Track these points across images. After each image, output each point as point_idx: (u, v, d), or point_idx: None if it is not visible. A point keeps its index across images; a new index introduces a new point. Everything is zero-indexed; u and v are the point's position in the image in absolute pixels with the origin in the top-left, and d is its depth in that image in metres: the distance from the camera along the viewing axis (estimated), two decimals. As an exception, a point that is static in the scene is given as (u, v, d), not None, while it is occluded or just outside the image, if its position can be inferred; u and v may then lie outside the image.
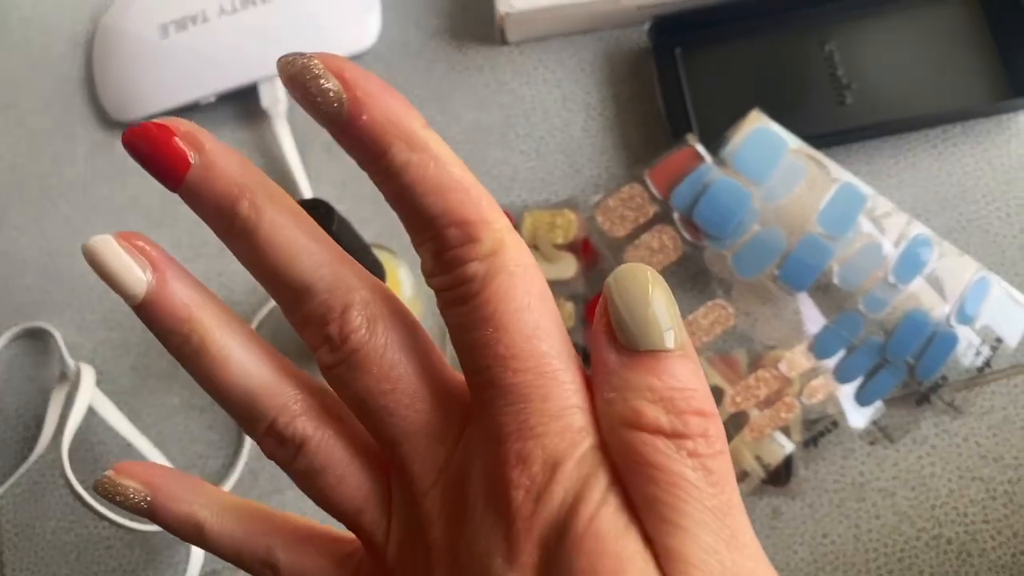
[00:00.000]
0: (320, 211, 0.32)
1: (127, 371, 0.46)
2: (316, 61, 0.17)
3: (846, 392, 0.41)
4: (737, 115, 0.43)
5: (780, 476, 0.40)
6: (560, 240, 0.44)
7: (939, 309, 0.41)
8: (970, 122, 0.44)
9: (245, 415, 0.20)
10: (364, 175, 0.52)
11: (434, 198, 0.18)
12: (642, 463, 0.17)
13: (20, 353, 0.47)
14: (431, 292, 0.19)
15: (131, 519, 0.43)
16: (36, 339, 0.48)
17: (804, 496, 0.41)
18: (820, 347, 0.41)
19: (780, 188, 0.41)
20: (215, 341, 0.20)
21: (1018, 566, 0.39)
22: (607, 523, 0.17)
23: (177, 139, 0.18)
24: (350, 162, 0.53)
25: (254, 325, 0.45)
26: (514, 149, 0.47)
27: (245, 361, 0.20)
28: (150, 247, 0.20)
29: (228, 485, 0.43)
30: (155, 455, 0.43)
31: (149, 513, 0.21)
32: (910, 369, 0.40)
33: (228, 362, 0.20)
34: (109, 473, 0.21)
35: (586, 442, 0.18)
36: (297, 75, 0.17)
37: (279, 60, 0.17)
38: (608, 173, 0.46)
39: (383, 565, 0.20)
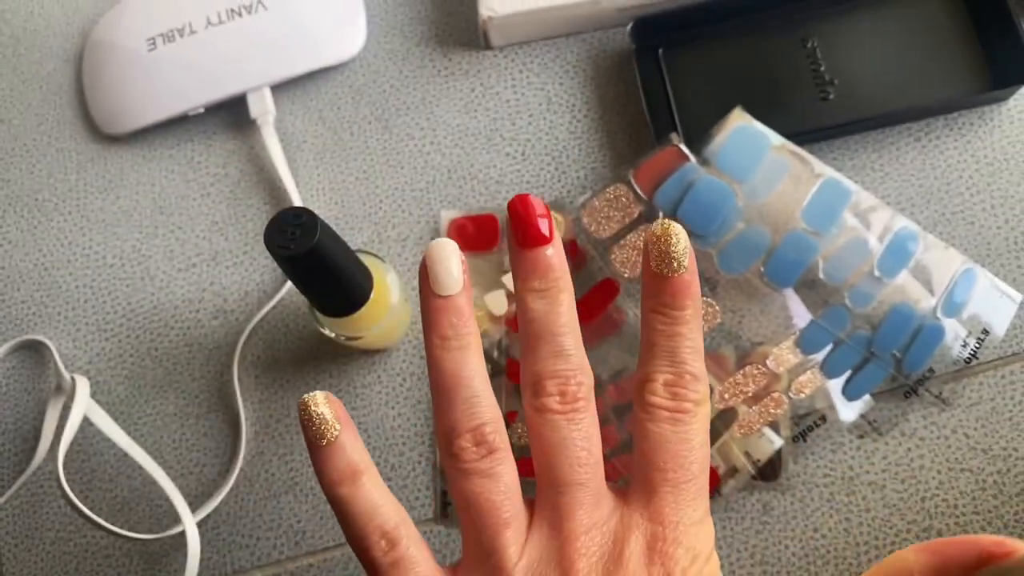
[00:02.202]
0: (304, 219, 0.32)
1: (122, 381, 0.47)
2: (681, 247, 0.25)
3: (834, 386, 0.41)
4: (721, 114, 0.43)
5: (770, 471, 0.40)
6: (547, 242, 0.44)
7: (925, 302, 0.41)
8: (953, 115, 0.44)
9: (465, 410, 0.25)
10: (352, 184, 0.52)
11: (692, 353, 0.26)
12: None
13: (16, 366, 0.48)
14: (417, 297, 0.23)
15: (127, 528, 0.44)
16: (32, 351, 0.48)
17: (794, 491, 0.41)
18: (807, 342, 0.41)
19: (764, 185, 0.42)
20: (477, 350, 0.26)
21: (1009, 556, 0.39)
22: None
23: (547, 219, 0.26)
24: (338, 171, 0.54)
25: (247, 331, 0.46)
26: (500, 152, 0.47)
27: (481, 369, 0.26)
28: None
29: (224, 491, 0.44)
30: (151, 464, 0.43)
31: (329, 447, 0.25)
32: (897, 362, 0.41)
33: (472, 364, 0.26)
34: (319, 395, 0.26)
35: (711, 547, 0.25)
36: (660, 244, 0.25)
37: (662, 223, 0.26)
38: (594, 174, 0.46)
39: None
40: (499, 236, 0.45)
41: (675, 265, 0.25)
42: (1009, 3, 0.43)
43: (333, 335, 0.40)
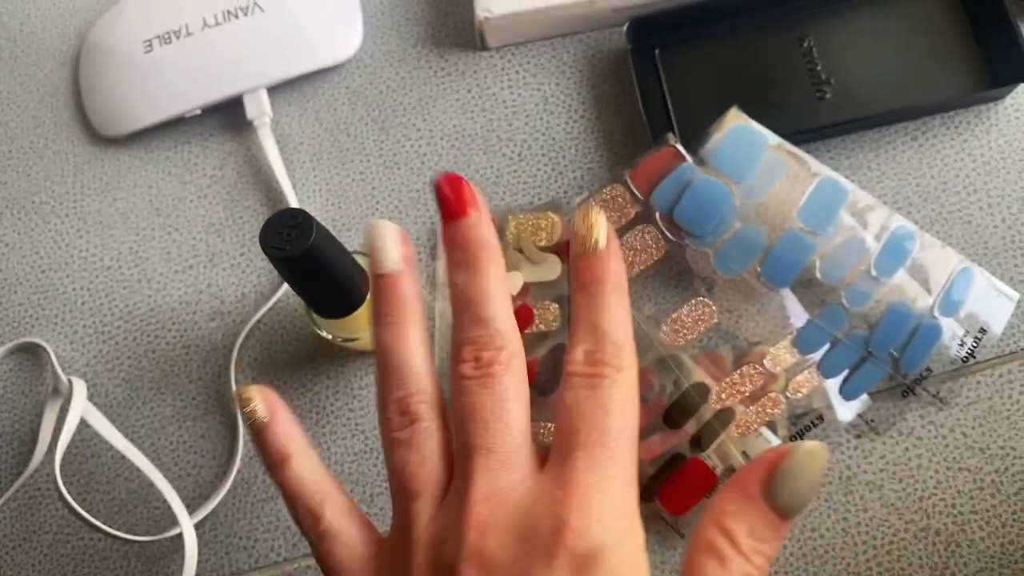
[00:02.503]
0: (299, 220, 0.32)
1: (120, 383, 0.47)
2: (599, 228, 0.26)
3: (831, 386, 0.41)
4: (718, 113, 0.43)
5: (767, 471, 0.40)
6: (544, 242, 0.44)
7: (922, 301, 0.41)
8: (950, 114, 0.44)
9: (393, 381, 0.26)
10: (349, 185, 0.52)
11: (612, 322, 0.25)
12: (711, 559, 0.23)
13: (14, 368, 0.48)
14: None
15: (124, 530, 0.43)
16: (29, 354, 0.48)
17: (792, 491, 0.41)
18: (804, 342, 0.41)
19: (760, 185, 0.42)
20: (414, 325, 0.26)
21: (1007, 555, 0.39)
22: (631, 560, 0.23)
23: (468, 193, 0.26)
24: (335, 172, 0.54)
25: (244, 332, 0.46)
26: (497, 153, 0.47)
27: (416, 344, 0.26)
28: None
29: (221, 493, 0.44)
30: (148, 466, 0.43)
31: (260, 430, 0.27)
32: (894, 362, 0.41)
33: (407, 338, 0.26)
34: (253, 388, 0.27)
35: (625, 509, 0.23)
36: (580, 227, 0.26)
37: (581, 208, 0.26)
38: (590, 175, 0.46)
39: (411, 552, 0.24)
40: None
41: (592, 243, 0.25)
42: (1005, 2, 0.43)
43: (330, 336, 0.40)
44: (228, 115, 0.49)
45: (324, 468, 0.27)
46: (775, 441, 0.40)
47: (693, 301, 0.42)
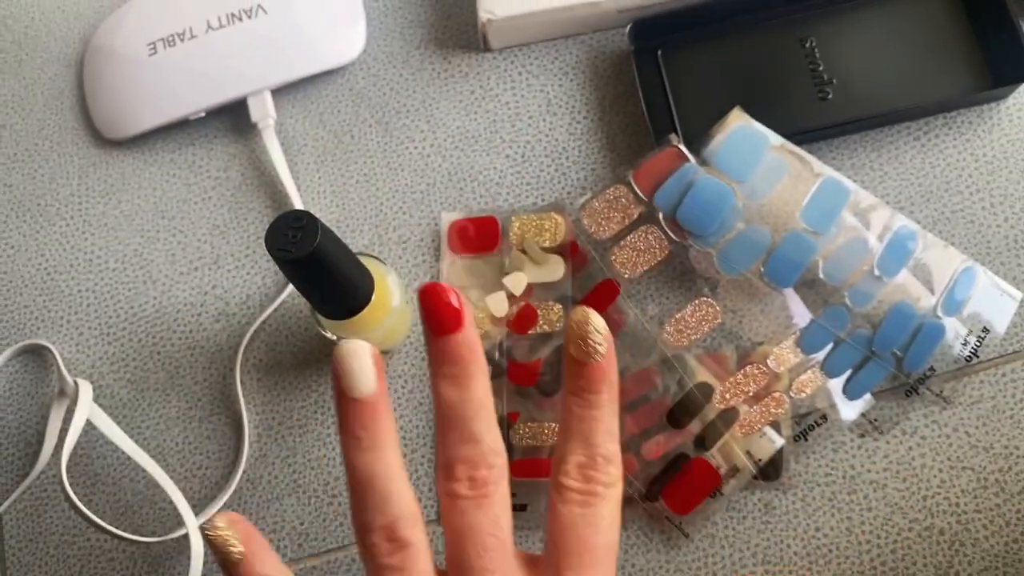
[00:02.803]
0: (304, 222, 0.33)
1: (125, 385, 0.47)
2: (600, 335, 0.26)
3: (835, 386, 0.41)
4: (720, 114, 0.43)
5: (771, 471, 0.40)
6: (548, 243, 0.44)
7: (925, 300, 0.41)
8: (952, 113, 0.45)
9: (378, 507, 0.26)
10: (352, 187, 0.52)
11: (606, 436, 0.26)
12: None
13: (20, 370, 0.48)
14: (417, 299, 0.25)
15: (130, 531, 0.44)
16: (34, 356, 0.48)
17: (795, 490, 0.41)
18: (807, 342, 0.41)
19: (763, 185, 0.42)
20: (393, 448, 0.26)
21: (1011, 555, 0.39)
22: None
23: (455, 304, 0.26)
24: (339, 174, 0.54)
25: (249, 334, 0.46)
26: (500, 154, 0.47)
27: (397, 467, 0.26)
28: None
29: (227, 494, 0.44)
30: (154, 467, 0.44)
31: (236, 566, 0.26)
32: (898, 361, 0.41)
33: (388, 463, 0.26)
34: (222, 523, 0.26)
35: None
36: (580, 331, 0.26)
37: (582, 311, 0.26)
38: (594, 175, 0.46)
39: None
40: (499, 238, 0.45)
41: (592, 351, 0.26)
42: (1007, 2, 0.43)
43: (335, 338, 0.40)
44: (232, 117, 0.50)
45: None
46: (779, 441, 0.40)
47: (697, 301, 0.42)
